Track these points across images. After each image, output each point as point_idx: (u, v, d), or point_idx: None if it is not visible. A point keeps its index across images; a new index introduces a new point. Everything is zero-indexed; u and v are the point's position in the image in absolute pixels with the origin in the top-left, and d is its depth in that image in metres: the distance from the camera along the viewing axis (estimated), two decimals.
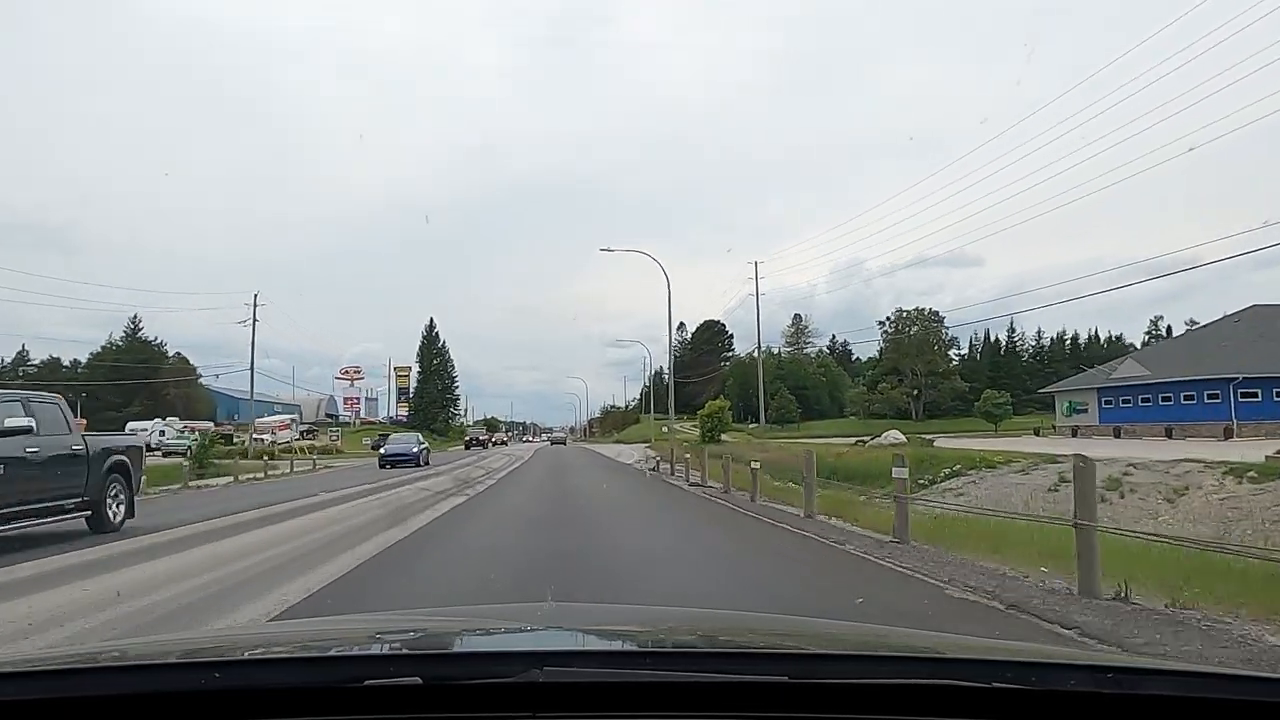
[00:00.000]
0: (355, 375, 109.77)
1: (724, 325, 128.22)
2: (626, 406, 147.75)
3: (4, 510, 9.62)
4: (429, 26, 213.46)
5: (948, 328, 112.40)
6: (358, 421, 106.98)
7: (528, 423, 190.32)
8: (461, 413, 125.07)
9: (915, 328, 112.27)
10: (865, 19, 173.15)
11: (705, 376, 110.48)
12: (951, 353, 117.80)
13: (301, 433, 79.63)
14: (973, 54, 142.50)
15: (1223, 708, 1.18)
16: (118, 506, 11.83)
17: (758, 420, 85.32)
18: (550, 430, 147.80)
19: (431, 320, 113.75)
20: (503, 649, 1.65)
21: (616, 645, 1.77)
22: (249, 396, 66.29)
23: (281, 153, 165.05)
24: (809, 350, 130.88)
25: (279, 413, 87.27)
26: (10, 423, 9.74)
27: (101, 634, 5.94)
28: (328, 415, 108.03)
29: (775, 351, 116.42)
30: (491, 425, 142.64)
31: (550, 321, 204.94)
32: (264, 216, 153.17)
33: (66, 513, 10.79)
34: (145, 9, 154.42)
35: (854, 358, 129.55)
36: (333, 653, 1.62)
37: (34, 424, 10.06)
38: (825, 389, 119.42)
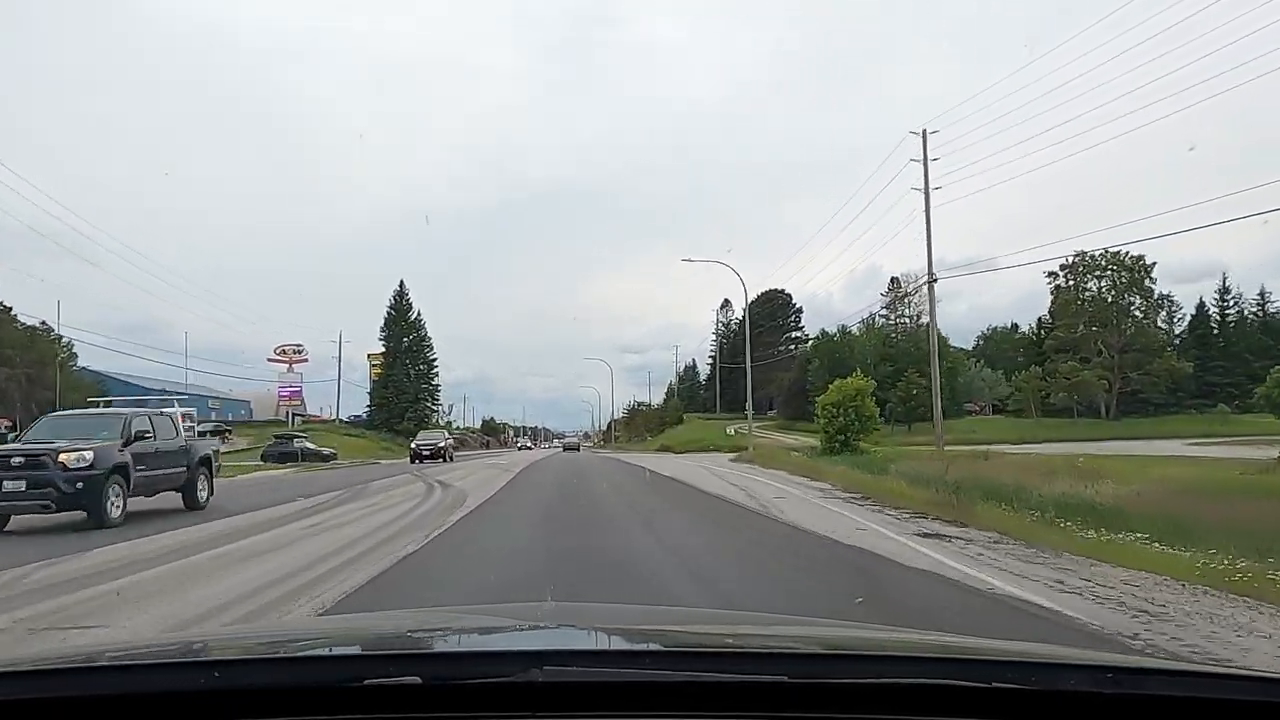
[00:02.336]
0: (295, 358, 74.62)
1: (789, 295, 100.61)
2: (669, 397, 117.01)
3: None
4: (442, 30, 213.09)
5: (1154, 280, 76.80)
6: (296, 420, 76.61)
7: (538, 427, 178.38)
8: (444, 409, 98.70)
9: (1104, 280, 77.90)
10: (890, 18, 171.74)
11: (766, 361, 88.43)
12: (1160, 320, 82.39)
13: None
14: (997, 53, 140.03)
15: (1223, 708, 1.18)
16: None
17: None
18: (562, 435, 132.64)
19: (401, 285, 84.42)
20: (502, 649, 1.65)
21: (616, 645, 1.77)
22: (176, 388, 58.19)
23: (283, 155, 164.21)
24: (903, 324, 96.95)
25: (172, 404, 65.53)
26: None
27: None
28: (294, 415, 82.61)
29: (874, 323, 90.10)
30: (491, 429, 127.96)
31: (562, 327, 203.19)
32: (264, 219, 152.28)
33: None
34: (165, 14, 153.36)
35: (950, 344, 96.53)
36: (333, 653, 1.62)
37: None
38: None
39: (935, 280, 35.64)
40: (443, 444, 44.03)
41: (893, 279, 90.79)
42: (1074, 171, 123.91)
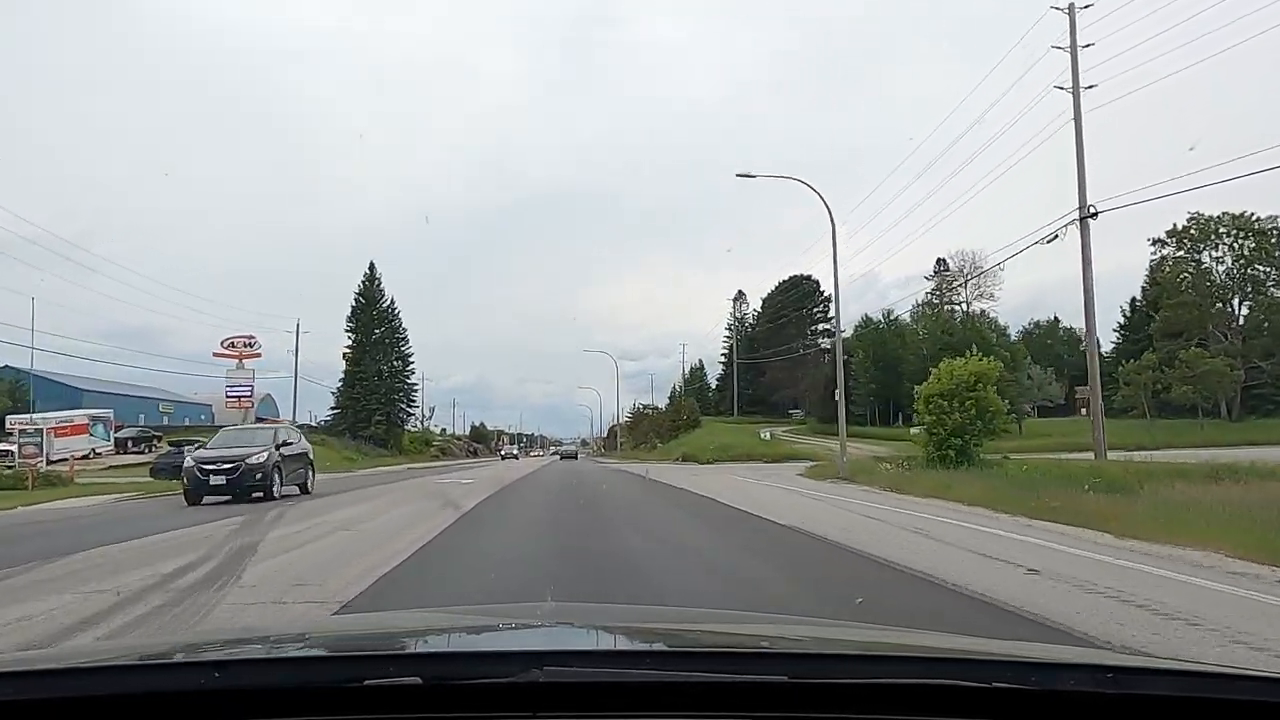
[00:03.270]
0: (246, 352, 59.28)
1: (816, 282, 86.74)
2: (673, 400, 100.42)
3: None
4: (443, 31, 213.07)
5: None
6: (203, 420, 68.00)
7: (535, 434, 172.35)
8: (424, 413, 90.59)
9: (1220, 248, 62.93)
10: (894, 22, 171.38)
11: (790, 357, 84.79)
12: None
13: (128, 439, 54.69)
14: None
15: (1223, 708, 1.18)
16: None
17: (899, 420, 63.29)
18: (560, 443, 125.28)
19: (371, 269, 72.38)
20: (503, 649, 1.66)
21: (616, 645, 1.77)
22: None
23: (282, 155, 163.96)
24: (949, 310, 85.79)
25: (85, 408, 56.49)
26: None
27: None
28: (260, 418, 66.50)
29: (922, 311, 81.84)
30: (480, 435, 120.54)
31: (561, 331, 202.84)
32: (265, 220, 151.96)
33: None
34: (165, 14, 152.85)
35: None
36: (333, 653, 1.62)
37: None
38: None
39: (1093, 215, 25.20)
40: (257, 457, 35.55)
41: (939, 261, 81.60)
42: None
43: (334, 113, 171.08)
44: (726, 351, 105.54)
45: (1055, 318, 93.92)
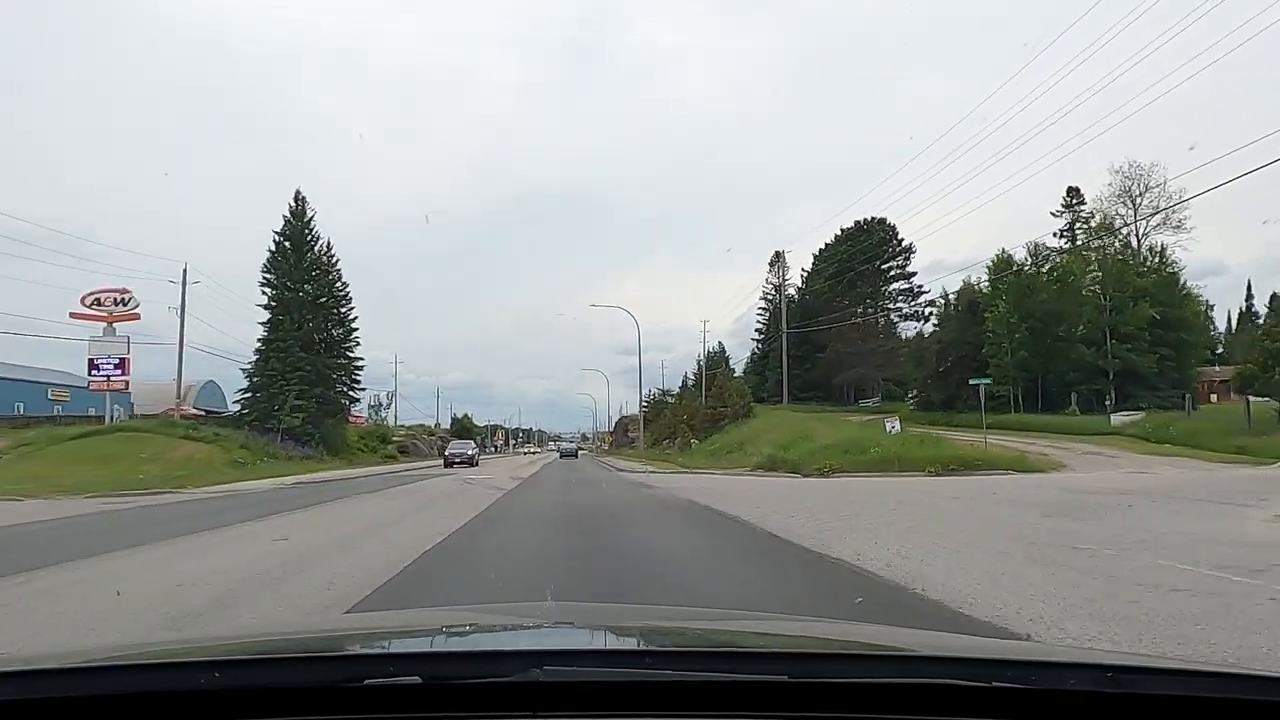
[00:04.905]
0: (118, 313, 45.66)
1: (894, 228, 71.23)
2: (683, 389, 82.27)
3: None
4: (436, 33, 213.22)
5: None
6: (118, 412, 47.94)
7: (533, 429, 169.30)
8: (377, 400, 73.44)
9: None
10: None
11: (852, 322, 68.61)
12: None
13: None
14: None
15: (1223, 707, 1.18)
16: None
17: (1044, 402, 49.33)
18: (559, 439, 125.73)
19: (298, 198, 52.66)
20: (503, 649, 1.66)
21: (616, 644, 1.77)
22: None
23: (281, 155, 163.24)
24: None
25: None
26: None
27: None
28: (198, 409, 56.76)
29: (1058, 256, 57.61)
30: (465, 430, 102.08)
31: (562, 329, 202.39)
32: (261, 219, 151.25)
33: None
34: (165, 14, 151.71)
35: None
36: (333, 653, 1.62)
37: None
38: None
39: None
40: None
41: (1069, 190, 59.02)
42: None
43: (334, 113, 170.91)
44: (761, 328, 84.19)
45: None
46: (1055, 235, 59.85)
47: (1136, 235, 55.77)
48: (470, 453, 49.93)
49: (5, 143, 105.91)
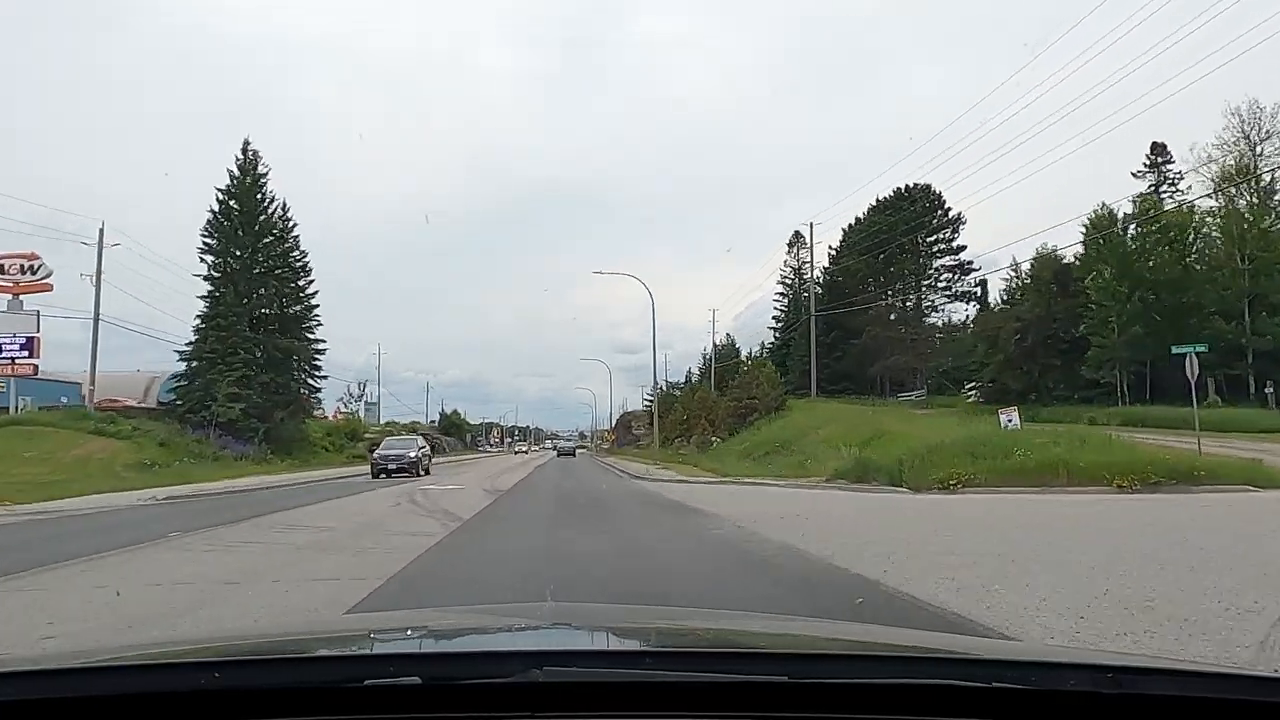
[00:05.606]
0: (27, 283, 39.04)
1: (939, 195, 61.80)
2: (692, 382, 76.21)
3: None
4: (434, 31, 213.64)
5: None
6: (22, 402, 40.06)
7: (529, 426, 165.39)
8: (352, 388, 66.52)
9: None
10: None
11: (894, 302, 61.13)
12: None
13: None
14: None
15: (1223, 708, 1.18)
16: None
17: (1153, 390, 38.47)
18: (556, 437, 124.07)
19: (245, 149, 44.89)
20: (503, 649, 1.66)
21: (616, 645, 1.77)
22: None
23: (281, 154, 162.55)
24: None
25: None
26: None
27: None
28: (164, 402, 46.29)
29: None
30: (454, 427, 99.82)
31: (560, 327, 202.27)
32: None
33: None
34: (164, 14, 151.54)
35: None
36: (333, 653, 1.62)
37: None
38: None
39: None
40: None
41: (1154, 146, 49.65)
42: None
43: (333, 112, 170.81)
44: (780, 314, 74.33)
45: None
46: (1138, 200, 47.34)
47: (1258, 188, 43.76)
48: (413, 455, 33.60)
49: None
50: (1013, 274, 53.24)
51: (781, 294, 74.78)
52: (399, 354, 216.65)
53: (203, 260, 43.90)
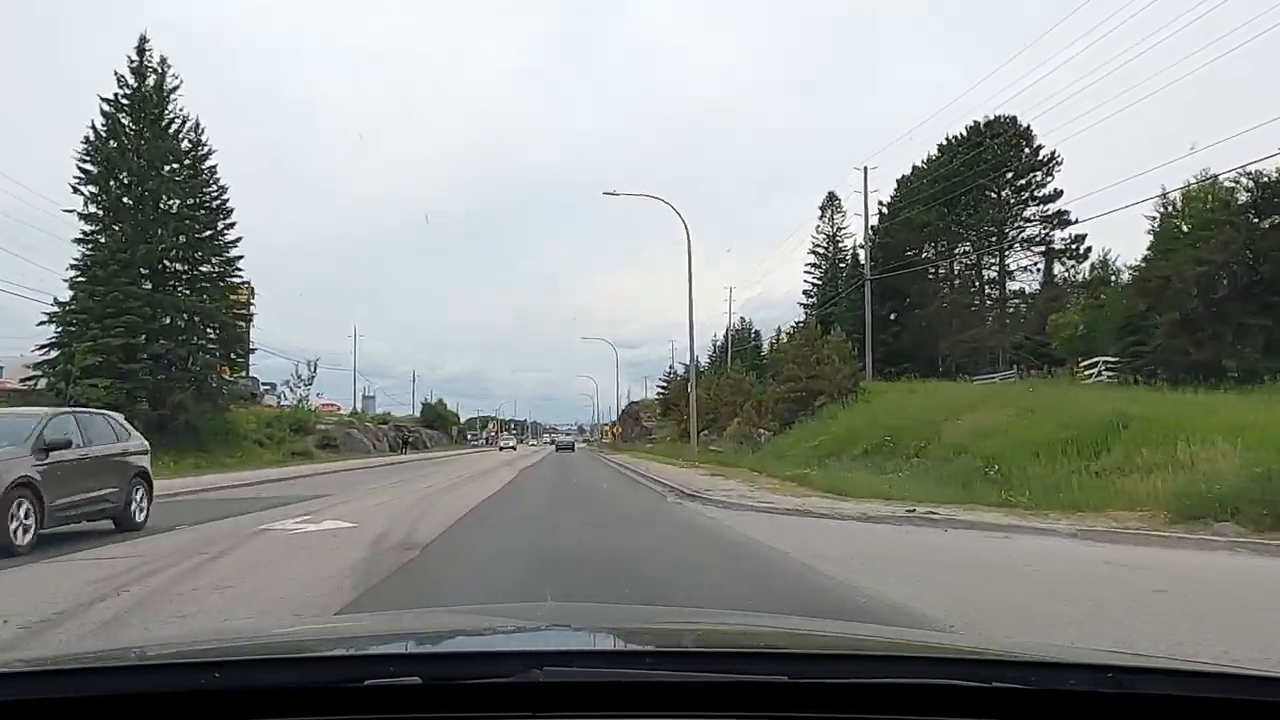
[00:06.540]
0: None
1: (1029, 130, 46.13)
2: (708, 370, 59.87)
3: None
4: (431, 22, 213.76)
5: None
6: None
7: (526, 421, 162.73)
8: (298, 373, 51.44)
9: None
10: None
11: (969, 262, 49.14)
12: None
13: None
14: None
15: (1223, 708, 1.18)
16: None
17: None
18: (555, 430, 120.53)
19: (141, 45, 33.46)
20: (503, 649, 1.66)
21: (616, 645, 1.77)
22: None
23: (280, 154, 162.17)
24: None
25: None
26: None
27: None
28: (22, 381, 34.55)
29: None
30: (438, 419, 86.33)
31: (560, 323, 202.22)
32: (260, 218, 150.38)
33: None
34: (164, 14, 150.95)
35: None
36: (333, 653, 1.63)
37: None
38: None
39: None
40: None
41: None
42: None
43: (333, 111, 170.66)
44: (814, 286, 59.72)
45: None
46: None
47: None
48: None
49: None
50: (1162, 209, 32.77)
51: (814, 264, 60.31)
52: (398, 351, 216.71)
53: (77, 192, 32.61)
